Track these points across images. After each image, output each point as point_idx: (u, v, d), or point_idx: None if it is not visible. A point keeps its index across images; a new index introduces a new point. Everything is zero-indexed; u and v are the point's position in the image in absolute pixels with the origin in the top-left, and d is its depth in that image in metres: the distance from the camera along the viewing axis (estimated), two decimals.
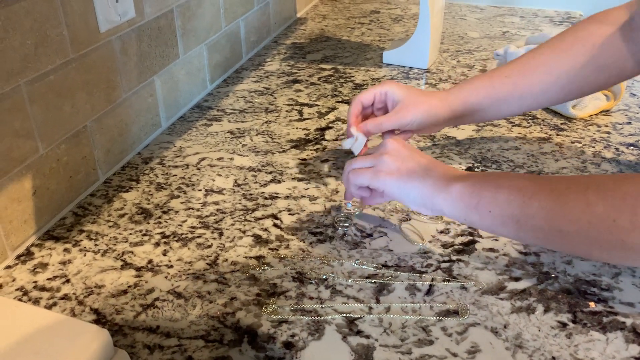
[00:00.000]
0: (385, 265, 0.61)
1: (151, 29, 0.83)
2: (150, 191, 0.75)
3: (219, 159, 0.82)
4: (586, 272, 0.60)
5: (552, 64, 0.70)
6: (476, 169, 0.78)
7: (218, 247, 0.64)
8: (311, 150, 0.84)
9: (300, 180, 0.76)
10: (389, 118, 0.70)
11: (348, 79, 1.08)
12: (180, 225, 0.68)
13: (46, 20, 0.63)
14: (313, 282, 0.59)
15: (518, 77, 0.71)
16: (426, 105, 0.70)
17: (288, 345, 0.51)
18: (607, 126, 0.89)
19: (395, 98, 0.71)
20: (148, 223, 0.68)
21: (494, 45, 1.24)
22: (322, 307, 0.55)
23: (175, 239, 0.66)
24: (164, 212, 0.70)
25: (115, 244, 0.65)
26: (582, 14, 1.48)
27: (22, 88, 0.61)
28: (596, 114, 0.92)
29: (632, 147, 0.83)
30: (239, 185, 0.75)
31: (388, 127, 0.71)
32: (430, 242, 0.64)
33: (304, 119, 0.93)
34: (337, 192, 0.74)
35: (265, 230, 0.67)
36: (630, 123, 0.90)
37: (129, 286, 0.59)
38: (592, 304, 0.55)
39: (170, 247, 0.64)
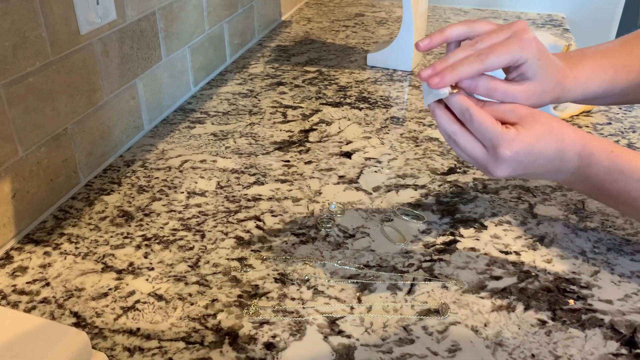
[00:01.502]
0: (367, 266, 0.61)
1: (133, 31, 0.83)
2: (132, 194, 0.74)
3: (202, 161, 0.82)
4: (566, 270, 0.60)
5: None
6: (458, 170, 0.78)
7: (200, 249, 0.64)
8: (295, 152, 0.84)
9: (283, 182, 0.76)
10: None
11: (332, 81, 1.08)
12: (162, 227, 0.67)
13: (25, 22, 0.63)
14: (295, 283, 0.59)
15: (638, 73, 0.60)
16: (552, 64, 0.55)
17: (269, 346, 0.51)
18: (587, 127, 0.90)
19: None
20: (129, 226, 0.68)
21: None
22: (303, 308, 0.55)
23: (157, 241, 0.65)
24: (146, 215, 0.70)
25: (96, 247, 0.64)
26: (565, 16, 1.49)
27: (0, 90, 0.61)
28: (577, 115, 0.93)
29: None
30: (221, 188, 0.75)
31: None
32: (411, 242, 0.65)
33: (288, 121, 0.93)
34: (320, 193, 0.74)
35: (248, 232, 0.67)
36: (610, 123, 0.91)
37: (110, 289, 0.58)
38: (571, 302, 0.56)
39: (152, 250, 0.64)
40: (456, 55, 0.52)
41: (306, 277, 0.59)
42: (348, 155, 0.83)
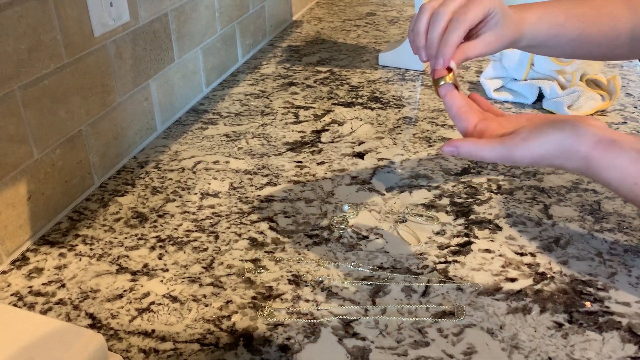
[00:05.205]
0: (381, 267, 0.61)
1: (146, 32, 0.83)
2: (145, 195, 0.74)
3: (215, 162, 0.82)
4: (582, 272, 0.60)
5: (620, 18, 0.63)
6: (472, 170, 0.78)
7: (214, 250, 0.64)
8: (307, 152, 0.84)
9: (296, 183, 0.76)
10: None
11: (344, 81, 1.08)
12: (176, 228, 0.68)
13: (40, 25, 0.63)
14: (309, 284, 0.59)
15: (588, 23, 0.63)
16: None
17: (284, 348, 0.51)
18: None
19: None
20: (143, 227, 0.68)
21: None
22: (318, 310, 0.55)
23: (171, 242, 0.65)
24: (160, 216, 0.70)
25: (110, 248, 0.65)
26: None
27: (16, 93, 0.61)
28: (592, 114, 0.92)
29: None
30: (234, 189, 0.75)
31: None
32: (426, 243, 0.64)
33: (300, 122, 0.93)
34: (333, 194, 0.74)
35: (261, 233, 0.67)
36: (626, 123, 0.90)
37: (125, 290, 0.59)
38: (588, 304, 0.55)
39: (166, 251, 0.64)
40: (434, 27, 0.55)
41: (320, 279, 0.59)
42: (361, 155, 0.83)
